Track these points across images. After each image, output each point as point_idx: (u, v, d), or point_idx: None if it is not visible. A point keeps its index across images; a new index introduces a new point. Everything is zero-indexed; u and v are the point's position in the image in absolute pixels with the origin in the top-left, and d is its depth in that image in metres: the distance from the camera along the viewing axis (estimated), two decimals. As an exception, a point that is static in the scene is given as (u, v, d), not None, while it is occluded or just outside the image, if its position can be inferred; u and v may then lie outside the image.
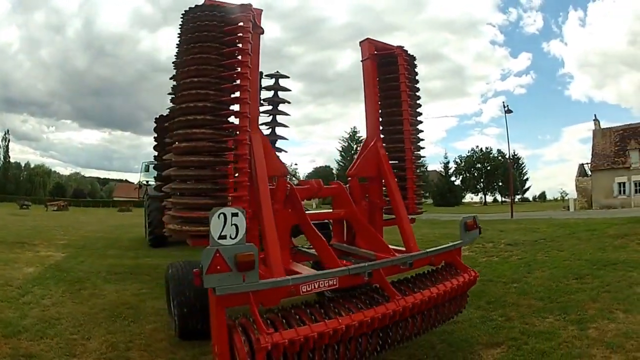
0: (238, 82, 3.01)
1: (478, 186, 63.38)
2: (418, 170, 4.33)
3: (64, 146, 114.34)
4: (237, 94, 3.01)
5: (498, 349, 3.40)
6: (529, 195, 66.28)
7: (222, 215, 2.25)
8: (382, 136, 4.32)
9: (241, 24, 3.08)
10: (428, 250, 3.48)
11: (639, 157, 28.54)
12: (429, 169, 52.85)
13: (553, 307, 4.33)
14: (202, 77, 2.92)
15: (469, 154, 58.70)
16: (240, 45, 3.07)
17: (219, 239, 2.24)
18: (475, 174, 61.50)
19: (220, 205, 2.67)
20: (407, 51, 4.30)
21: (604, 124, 33.38)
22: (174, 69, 3.20)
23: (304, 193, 3.83)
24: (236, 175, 3.03)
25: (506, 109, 25.88)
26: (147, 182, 12.04)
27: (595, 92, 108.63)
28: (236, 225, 2.28)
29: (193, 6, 3.09)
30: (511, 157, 45.43)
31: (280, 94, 4.84)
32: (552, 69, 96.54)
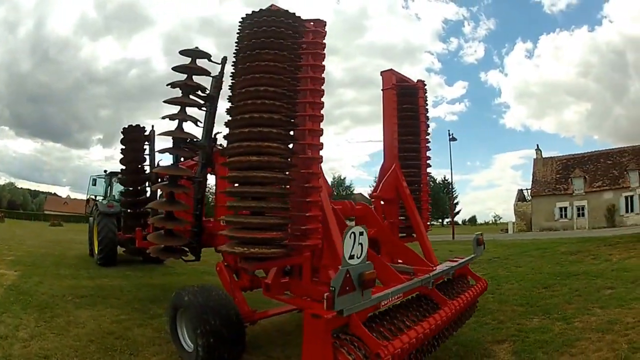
0: (310, 98, 3.22)
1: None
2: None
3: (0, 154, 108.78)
4: (308, 109, 3.20)
5: (505, 344, 4.18)
6: (458, 219, 71.81)
7: (352, 235, 2.36)
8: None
9: (315, 39, 3.28)
10: (460, 262, 4.22)
11: (582, 184, 33.03)
12: (355, 191, 56.10)
13: (535, 310, 5.29)
14: (274, 87, 2.95)
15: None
16: (315, 61, 3.28)
17: (349, 259, 2.35)
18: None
19: (286, 227, 3.00)
20: (425, 84, 5.16)
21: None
22: (234, 72, 3.25)
23: (341, 212, 4.14)
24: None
25: (450, 137, 29.94)
26: (95, 197, 11.91)
27: (532, 122, 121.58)
28: (361, 244, 2.41)
29: (264, 9, 3.08)
30: (442, 181, 49.38)
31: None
32: (488, 98, 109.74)
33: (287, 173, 3.08)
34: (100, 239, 9.22)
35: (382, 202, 4.91)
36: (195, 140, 4.58)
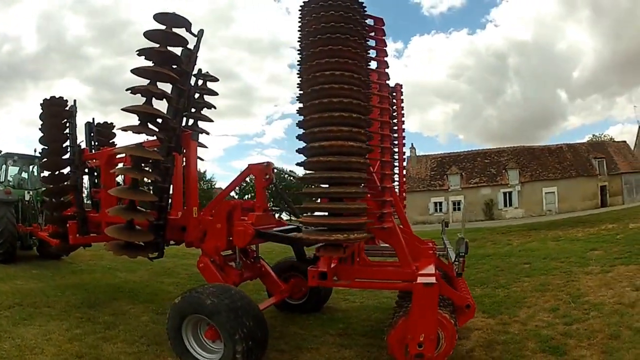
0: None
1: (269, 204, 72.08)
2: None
3: None
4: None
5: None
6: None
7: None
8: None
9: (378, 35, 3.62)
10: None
11: (459, 181, 39.86)
12: (216, 185, 55.04)
13: (471, 282, 6.68)
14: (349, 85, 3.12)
15: None
16: (379, 57, 3.68)
17: None
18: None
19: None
20: (402, 87, 5.99)
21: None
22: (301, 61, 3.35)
23: None
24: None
25: None
26: None
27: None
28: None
29: None
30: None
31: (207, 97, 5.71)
32: None
33: (367, 158, 3.38)
34: (0, 230, 8.88)
35: None
36: (167, 118, 4.46)
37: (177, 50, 4.56)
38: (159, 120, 4.52)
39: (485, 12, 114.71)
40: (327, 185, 3.19)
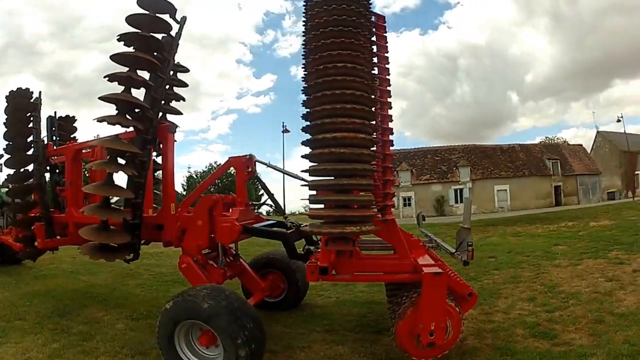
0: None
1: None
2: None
3: None
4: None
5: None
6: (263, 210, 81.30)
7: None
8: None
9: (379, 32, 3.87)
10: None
11: (409, 177, 41.17)
12: None
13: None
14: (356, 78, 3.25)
15: (207, 168, 65.93)
16: (381, 52, 3.87)
17: None
18: (212, 189, 69.56)
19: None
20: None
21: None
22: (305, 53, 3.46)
23: None
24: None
25: (283, 129, 35.65)
26: None
27: None
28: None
29: None
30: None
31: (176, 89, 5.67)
32: (295, 92, 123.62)
33: (373, 150, 3.51)
34: None
35: None
36: (145, 108, 4.38)
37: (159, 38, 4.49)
38: (137, 111, 4.44)
39: (439, 14, 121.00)
40: (332, 177, 3.26)
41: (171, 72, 5.58)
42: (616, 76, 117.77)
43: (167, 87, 5.54)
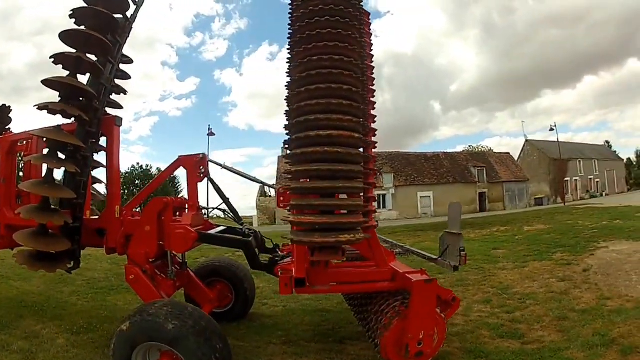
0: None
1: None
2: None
3: None
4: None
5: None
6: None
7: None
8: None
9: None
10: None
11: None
12: None
13: None
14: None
15: (130, 170, 65.20)
16: (366, 50, 3.83)
17: None
18: (135, 190, 68.78)
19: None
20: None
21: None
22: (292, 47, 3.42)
23: None
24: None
25: (209, 132, 37.85)
26: None
27: (259, 121, 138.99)
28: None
29: None
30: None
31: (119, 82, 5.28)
32: (217, 96, 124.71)
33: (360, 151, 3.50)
34: None
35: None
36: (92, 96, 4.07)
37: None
38: (81, 99, 4.12)
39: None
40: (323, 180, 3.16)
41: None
42: (546, 86, 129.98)
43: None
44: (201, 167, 4.85)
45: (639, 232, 10.09)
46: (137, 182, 63.44)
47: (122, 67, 5.20)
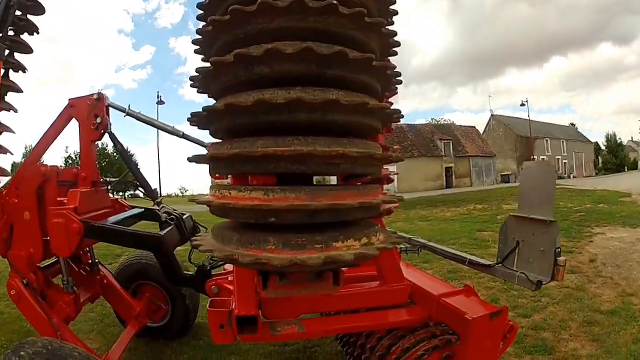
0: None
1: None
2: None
3: None
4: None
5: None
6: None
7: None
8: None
9: None
10: None
11: None
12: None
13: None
14: None
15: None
16: None
17: None
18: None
19: None
20: None
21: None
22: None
23: None
24: None
25: (159, 100, 40.46)
26: None
27: None
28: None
29: None
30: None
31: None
32: (172, 66, 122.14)
33: None
34: None
35: None
36: None
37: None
38: None
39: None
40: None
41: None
42: (511, 65, 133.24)
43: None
44: (97, 116, 3.37)
45: (632, 219, 9.91)
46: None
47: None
